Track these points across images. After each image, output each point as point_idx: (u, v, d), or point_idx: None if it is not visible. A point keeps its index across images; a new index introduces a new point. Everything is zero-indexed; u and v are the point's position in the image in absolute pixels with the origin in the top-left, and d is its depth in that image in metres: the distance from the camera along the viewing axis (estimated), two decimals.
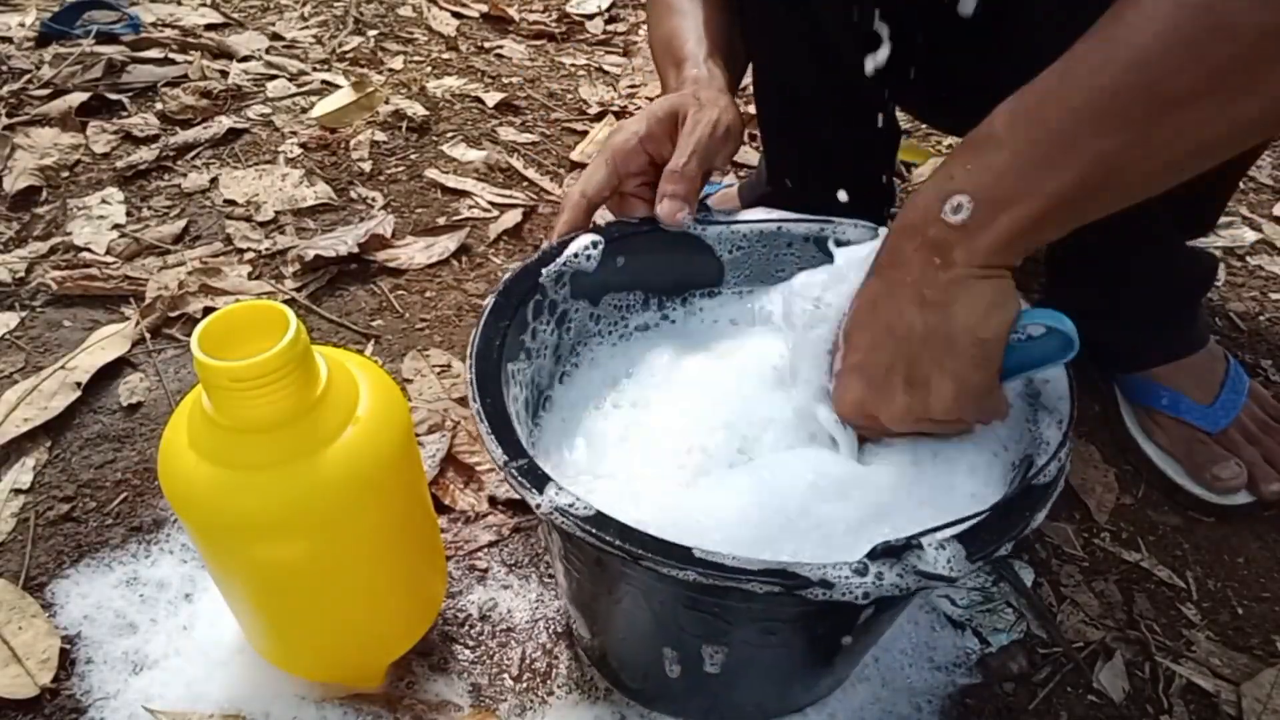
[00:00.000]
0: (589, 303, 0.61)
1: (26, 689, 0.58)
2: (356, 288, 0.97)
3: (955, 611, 0.67)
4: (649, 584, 0.46)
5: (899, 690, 0.62)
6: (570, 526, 0.42)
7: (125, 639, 0.62)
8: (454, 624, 0.64)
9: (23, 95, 1.25)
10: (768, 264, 0.64)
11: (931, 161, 1.22)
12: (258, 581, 0.50)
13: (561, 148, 1.28)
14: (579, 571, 0.52)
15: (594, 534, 0.41)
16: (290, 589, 0.50)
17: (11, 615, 0.62)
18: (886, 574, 0.40)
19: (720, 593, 0.42)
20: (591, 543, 0.41)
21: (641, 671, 0.57)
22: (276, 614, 0.53)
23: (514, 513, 0.72)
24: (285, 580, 0.50)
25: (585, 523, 0.42)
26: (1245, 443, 0.76)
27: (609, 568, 0.48)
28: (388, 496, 0.50)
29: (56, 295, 0.92)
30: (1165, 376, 0.78)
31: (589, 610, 0.56)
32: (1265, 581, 0.72)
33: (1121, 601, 0.69)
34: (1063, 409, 0.50)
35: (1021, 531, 0.42)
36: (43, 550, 0.68)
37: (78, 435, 0.77)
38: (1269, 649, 0.67)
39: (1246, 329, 0.98)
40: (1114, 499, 0.78)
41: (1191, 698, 0.63)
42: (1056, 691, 0.63)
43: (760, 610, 0.45)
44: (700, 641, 0.49)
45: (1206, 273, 0.80)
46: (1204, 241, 1.05)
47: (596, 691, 0.61)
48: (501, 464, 0.45)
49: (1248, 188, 1.23)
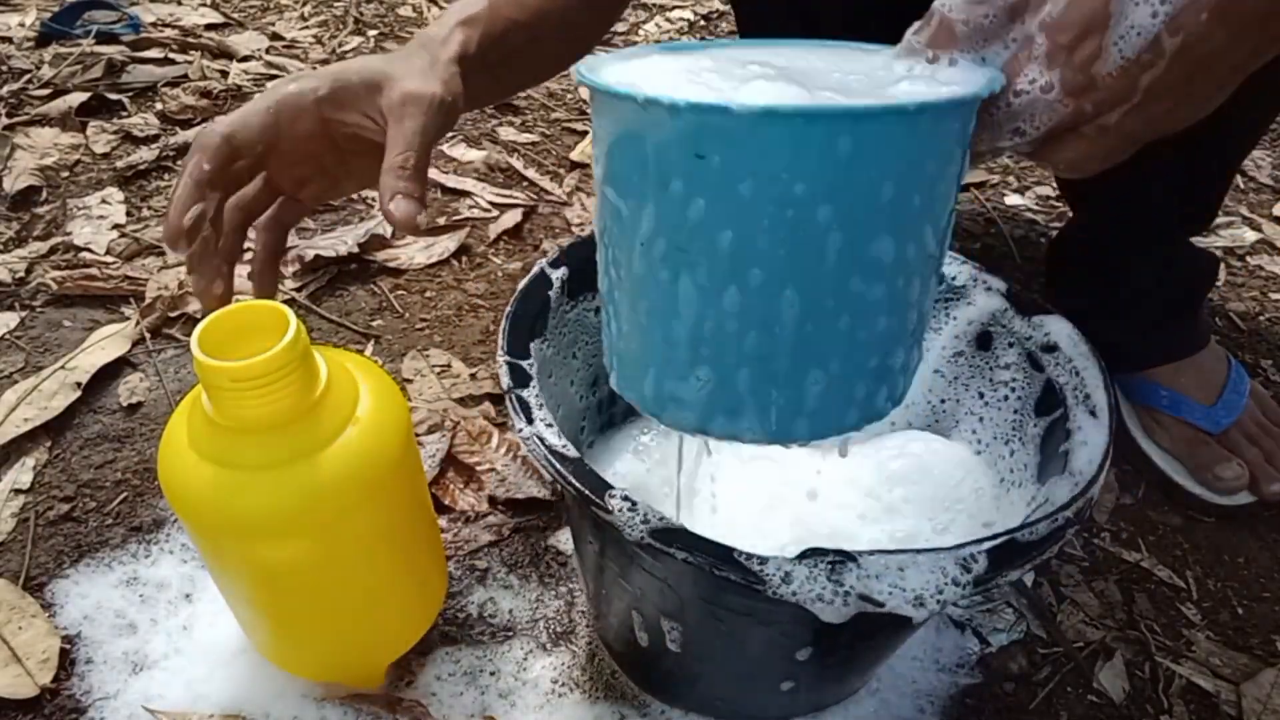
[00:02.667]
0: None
1: (26, 689, 0.58)
2: (356, 288, 0.97)
3: (956, 612, 0.67)
4: (600, 534, 0.48)
5: (904, 694, 0.62)
6: (542, 458, 0.45)
7: (125, 639, 0.62)
8: (454, 624, 0.64)
9: (23, 95, 1.25)
10: None
11: None
12: (258, 581, 0.50)
13: (561, 148, 1.28)
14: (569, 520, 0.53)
15: (555, 469, 0.44)
16: (291, 589, 0.50)
17: (11, 615, 0.62)
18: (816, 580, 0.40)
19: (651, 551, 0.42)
20: (552, 473, 0.45)
21: (623, 639, 0.58)
22: (277, 614, 0.53)
23: (514, 513, 0.72)
24: (286, 580, 0.50)
25: (551, 454, 0.44)
26: (1247, 443, 0.76)
27: (573, 513, 0.49)
28: (388, 497, 0.50)
29: (56, 295, 0.92)
30: (1166, 376, 0.78)
31: (586, 575, 0.57)
32: (1265, 581, 0.72)
33: (1121, 601, 0.69)
34: (1084, 476, 0.47)
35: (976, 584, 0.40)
36: (43, 550, 0.68)
37: (78, 435, 0.77)
38: (1269, 649, 0.67)
39: (1246, 329, 0.98)
40: (1114, 499, 0.78)
41: (1191, 698, 0.63)
42: (1056, 691, 0.63)
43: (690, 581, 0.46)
44: (658, 614, 0.50)
45: (1207, 272, 0.80)
46: (1204, 241, 1.05)
47: (597, 691, 0.61)
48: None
49: (1248, 187, 1.23)
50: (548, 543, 0.70)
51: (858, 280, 0.34)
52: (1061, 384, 0.53)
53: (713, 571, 0.40)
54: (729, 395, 0.37)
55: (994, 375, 0.59)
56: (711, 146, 0.32)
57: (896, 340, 0.37)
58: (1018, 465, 0.56)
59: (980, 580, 0.40)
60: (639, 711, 0.60)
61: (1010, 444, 0.57)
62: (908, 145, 0.32)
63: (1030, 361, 0.57)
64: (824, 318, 0.35)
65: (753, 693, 0.55)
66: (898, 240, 0.34)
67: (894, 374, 0.38)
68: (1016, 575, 0.41)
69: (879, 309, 0.36)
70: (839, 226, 0.33)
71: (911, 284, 0.36)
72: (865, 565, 0.40)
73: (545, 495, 0.73)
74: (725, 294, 0.35)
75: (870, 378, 0.37)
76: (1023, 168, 1.25)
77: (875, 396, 0.38)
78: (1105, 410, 0.50)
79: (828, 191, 0.32)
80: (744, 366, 0.36)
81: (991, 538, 0.41)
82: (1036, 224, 1.14)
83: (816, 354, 0.36)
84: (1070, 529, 0.43)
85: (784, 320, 0.35)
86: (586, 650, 0.63)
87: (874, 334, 0.36)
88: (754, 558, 0.40)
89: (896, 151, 0.32)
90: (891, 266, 0.35)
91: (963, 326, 0.61)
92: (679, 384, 0.38)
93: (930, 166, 0.34)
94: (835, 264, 0.34)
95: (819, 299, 0.34)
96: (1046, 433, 0.54)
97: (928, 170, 0.34)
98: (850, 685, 0.59)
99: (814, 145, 0.31)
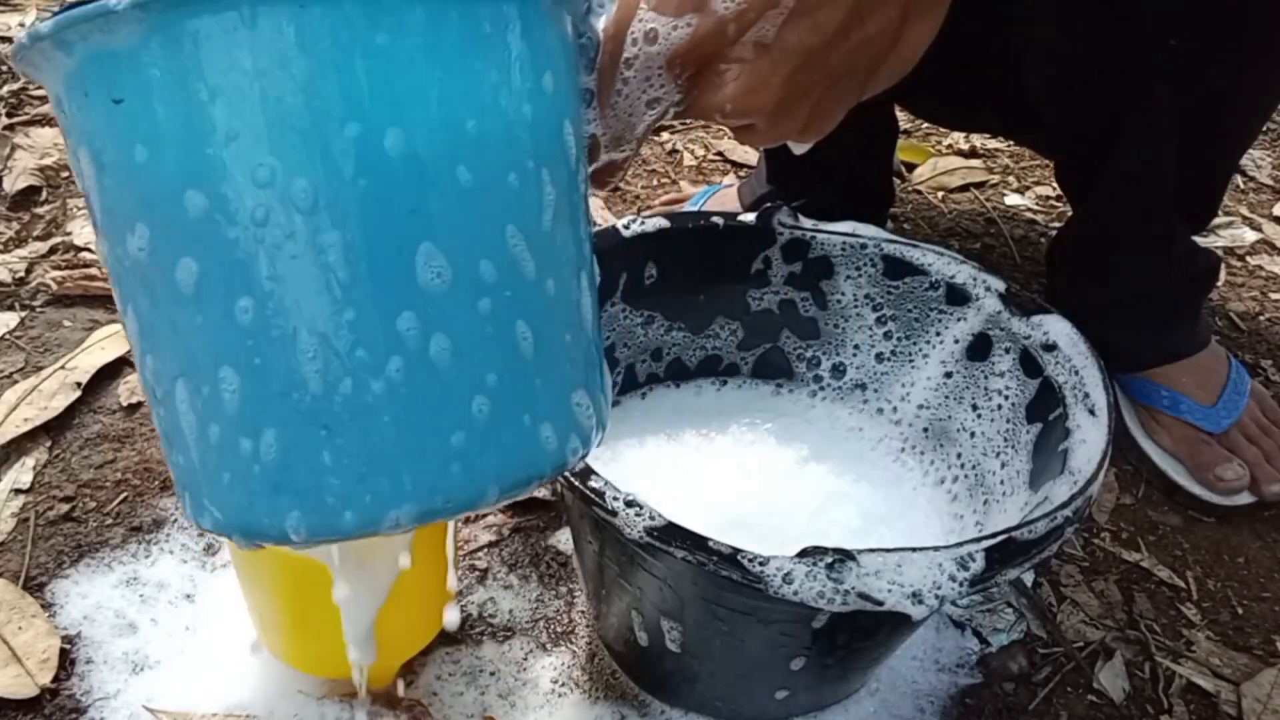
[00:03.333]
0: None
1: (26, 689, 0.58)
2: None
3: (955, 611, 0.67)
4: (600, 534, 0.48)
5: (904, 694, 0.62)
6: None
7: (125, 639, 0.62)
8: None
9: (23, 95, 1.25)
10: None
11: (931, 161, 1.22)
12: (282, 579, 0.51)
13: None
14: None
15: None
16: (316, 588, 0.51)
17: (11, 615, 0.62)
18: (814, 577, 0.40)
19: (652, 550, 0.42)
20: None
21: (623, 639, 0.58)
22: (299, 612, 0.53)
23: (514, 513, 0.72)
24: (311, 579, 0.50)
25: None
26: (1247, 443, 0.76)
27: (573, 513, 0.49)
28: None
29: (56, 295, 0.92)
30: (1166, 376, 0.78)
31: (586, 575, 0.57)
32: (1265, 581, 0.72)
33: (1121, 601, 0.69)
34: (1083, 475, 0.47)
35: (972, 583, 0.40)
36: (43, 550, 0.68)
37: (78, 435, 0.77)
38: (1269, 649, 0.67)
39: (1246, 329, 0.98)
40: (1114, 499, 0.78)
41: (1191, 698, 0.63)
42: (1056, 691, 0.63)
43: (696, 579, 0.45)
44: (658, 613, 0.49)
45: (1208, 272, 0.80)
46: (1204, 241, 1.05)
47: (597, 691, 0.61)
48: None
49: (1248, 187, 1.23)
50: (548, 543, 0.70)
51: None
52: (1061, 383, 0.53)
53: (713, 571, 0.40)
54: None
55: (988, 385, 0.59)
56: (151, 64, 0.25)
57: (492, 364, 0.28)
58: (1009, 475, 0.56)
59: (979, 578, 0.40)
60: (639, 711, 0.60)
61: (1001, 455, 0.57)
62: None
63: (1024, 367, 0.57)
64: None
65: (753, 692, 0.55)
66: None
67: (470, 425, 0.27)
68: (1015, 574, 0.42)
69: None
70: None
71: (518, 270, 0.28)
72: (864, 563, 0.40)
73: (545, 495, 0.73)
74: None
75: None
76: (1022, 167, 1.25)
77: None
78: (1104, 409, 0.50)
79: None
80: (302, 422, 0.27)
81: (990, 536, 0.42)
82: (1036, 224, 1.14)
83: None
84: (1069, 528, 0.43)
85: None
86: (586, 650, 0.63)
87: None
88: (755, 558, 0.40)
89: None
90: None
91: (955, 339, 0.61)
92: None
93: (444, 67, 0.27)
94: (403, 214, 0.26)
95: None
96: (1039, 438, 0.54)
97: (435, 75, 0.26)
98: (850, 685, 0.59)
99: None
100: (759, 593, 0.40)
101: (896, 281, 0.62)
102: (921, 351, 0.63)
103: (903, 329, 0.63)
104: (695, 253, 0.63)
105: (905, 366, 0.64)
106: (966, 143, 1.28)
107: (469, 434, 0.27)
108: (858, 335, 0.65)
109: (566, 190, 0.30)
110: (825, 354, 0.66)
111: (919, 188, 1.18)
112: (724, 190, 1.08)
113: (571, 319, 0.30)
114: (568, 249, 0.30)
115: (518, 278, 0.28)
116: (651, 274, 0.62)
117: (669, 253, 0.62)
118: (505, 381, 0.28)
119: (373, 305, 0.26)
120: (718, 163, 1.23)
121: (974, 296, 0.60)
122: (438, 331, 0.26)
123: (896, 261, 0.62)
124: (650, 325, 0.65)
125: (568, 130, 0.30)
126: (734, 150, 1.24)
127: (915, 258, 0.61)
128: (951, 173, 1.20)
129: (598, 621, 0.62)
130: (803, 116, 0.34)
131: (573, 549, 0.68)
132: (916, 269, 0.61)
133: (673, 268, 0.63)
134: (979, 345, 0.60)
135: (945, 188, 1.18)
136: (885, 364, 0.65)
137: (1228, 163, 0.76)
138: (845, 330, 0.65)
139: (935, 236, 1.09)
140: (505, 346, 0.28)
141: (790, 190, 0.89)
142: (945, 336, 0.61)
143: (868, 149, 0.94)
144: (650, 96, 0.32)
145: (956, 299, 0.60)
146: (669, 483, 0.61)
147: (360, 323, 0.26)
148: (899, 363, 0.64)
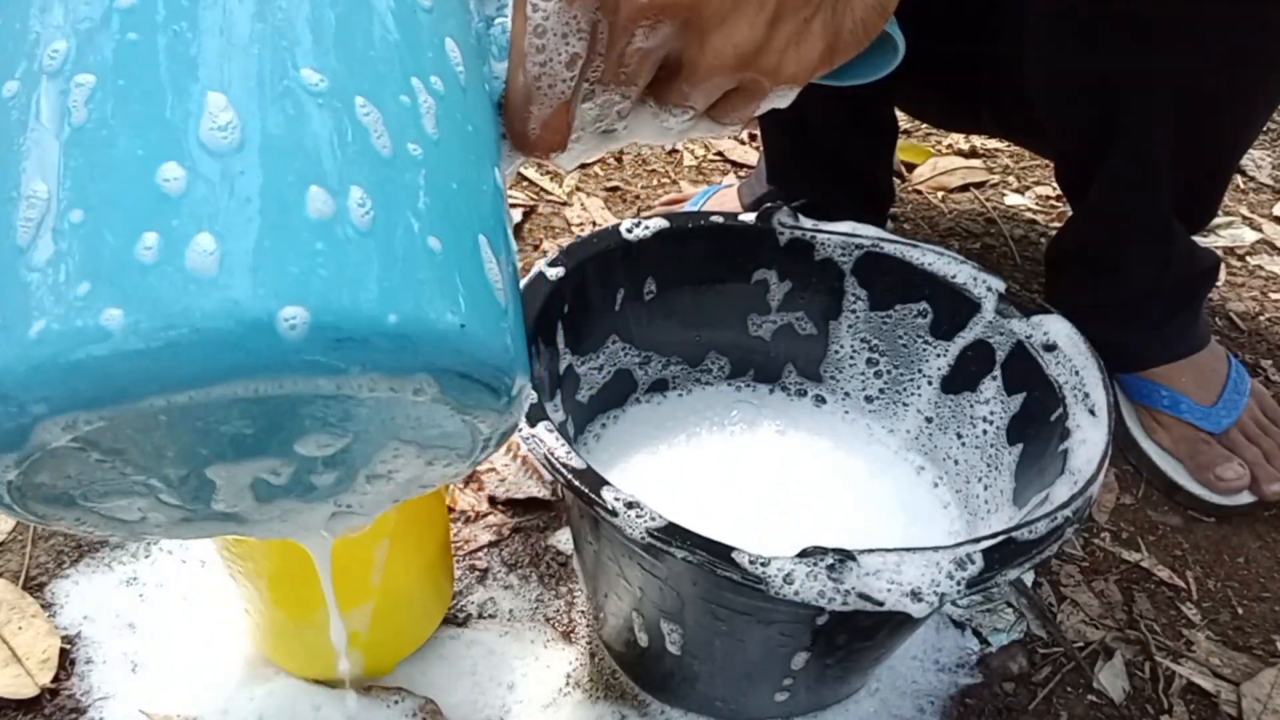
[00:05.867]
0: None
1: (26, 689, 0.58)
2: None
3: (955, 611, 0.67)
4: (600, 534, 0.48)
5: (904, 694, 0.62)
6: (542, 458, 0.44)
7: (125, 639, 0.62)
8: (454, 623, 0.64)
9: None
10: None
11: (931, 161, 1.22)
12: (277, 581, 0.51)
13: None
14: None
15: (555, 469, 0.44)
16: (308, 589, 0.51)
17: (11, 615, 0.62)
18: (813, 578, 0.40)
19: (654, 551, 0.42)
20: (552, 473, 0.44)
21: (623, 639, 0.58)
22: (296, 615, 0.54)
23: (514, 513, 0.72)
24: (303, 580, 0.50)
25: (551, 455, 0.44)
26: (1247, 443, 0.76)
27: (573, 513, 0.49)
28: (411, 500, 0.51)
29: None
30: (1166, 376, 0.78)
31: (586, 575, 0.57)
32: (1265, 581, 0.72)
33: (1121, 601, 0.69)
34: (1083, 475, 0.47)
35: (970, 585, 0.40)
36: (43, 550, 0.68)
37: None
38: (1269, 649, 0.67)
39: (1246, 329, 0.98)
40: (1114, 499, 0.78)
41: (1191, 698, 0.63)
42: (1056, 691, 0.63)
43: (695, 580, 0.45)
44: (659, 614, 0.49)
45: (1208, 272, 0.80)
46: (1204, 241, 1.05)
47: (597, 691, 0.61)
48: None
49: (1248, 187, 1.23)
50: (548, 543, 0.70)
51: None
52: (1061, 383, 0.53)
53: (713, 571, 0.40)
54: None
55: (973, 412, 0.59)
56: None
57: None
58: (992, 497, 0.56)
59: (978, 578, 0.40)
60: (639, 711, 0.60)
61: (984, 480, 0.58)
62: None
63: (1005, 384, 0.57)
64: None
65: (753, 692, 0.55)
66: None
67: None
68: (1015, 573, 0.42)
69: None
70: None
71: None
72: (864, 563, 0.40)
73: (545, 495, 0.73)
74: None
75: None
76: (1022, 167, 1.25)
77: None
78: (1104, 409, 0.50)
79: None
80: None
81: (990, 536, 0.42)
82: (1036, 224, 1.14)
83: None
84: (1069, 528, 0.43)
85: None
86: (587, 650, 0.63)
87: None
88: (756, 558, 0.40)
89: None
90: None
91: (950, 361, 0.61)
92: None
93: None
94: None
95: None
96: (1021, 459, 0.55)
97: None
98: (850, 685, 0.59)
99: None
100: (759, 593, 0.40)
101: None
102: (921, 361, 0.63)
103: (892, 361, 0.64)
104: (697, 257, 0.63)
105: (906, 377, 0.64)
106: (966, 143, 1.28)
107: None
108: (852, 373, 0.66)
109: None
110: (826, 371, 0.67)
111: (919, 188, 1.18)
112: (724, 190, 1.08)
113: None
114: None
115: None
116: (650, 289, 0.62)
117: (669, 261, 0.62)
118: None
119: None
120: (718, 163, 1.23)
121: (976, 297, 0.60)
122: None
123: (895, 262, 0.62)
124: (648, 365, 0.66)
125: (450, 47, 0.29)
126: (734, 150, 1.24)
127: (915, 258, 0.61)
128: (951, 173, 1.20)
129: (598, 621, 0.62)
130: (746, 24, 0.30)
131: (573, 549, 0.68)
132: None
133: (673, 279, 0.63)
134: (971, 359, 0.60)
135: (945, 188, 1.18)
136: (885, 377, 0.65)
137: (1226, 163, 0.76)
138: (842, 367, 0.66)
139: (935, 236, 1.09)
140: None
141: (790, 190, 0.89)
142: (941, 350, 0.62)
143: (868, 149, 0.94)
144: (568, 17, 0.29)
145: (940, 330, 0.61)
146: (669, 483, 0.61)
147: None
148: (900, 372, 0.64)
